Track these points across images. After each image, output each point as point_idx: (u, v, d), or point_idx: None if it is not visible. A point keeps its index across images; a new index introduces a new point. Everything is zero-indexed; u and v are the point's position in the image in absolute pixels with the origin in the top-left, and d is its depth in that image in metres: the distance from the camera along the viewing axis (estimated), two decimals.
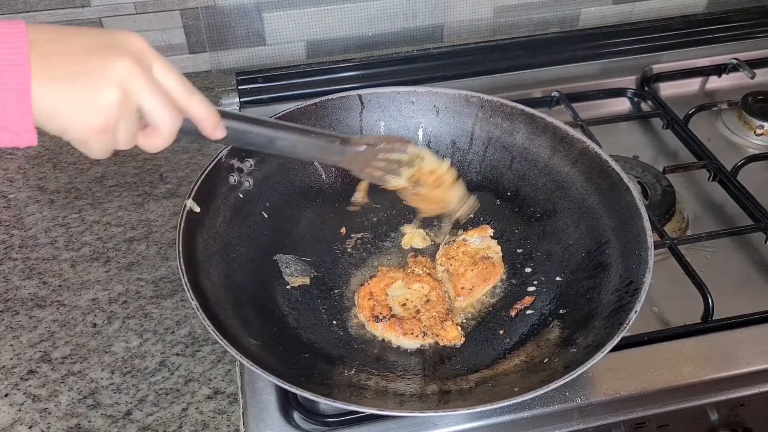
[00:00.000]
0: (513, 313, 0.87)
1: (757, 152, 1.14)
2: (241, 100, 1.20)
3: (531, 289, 0.90)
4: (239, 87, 1.22)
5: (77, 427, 0.80)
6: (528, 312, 0.87)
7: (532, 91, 1.24)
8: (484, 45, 1.32)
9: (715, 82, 1.30)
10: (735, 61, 1.28)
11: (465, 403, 0.73)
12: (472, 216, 0.99)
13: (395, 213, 1.00)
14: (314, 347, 0.83)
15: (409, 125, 1.03)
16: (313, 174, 1.01)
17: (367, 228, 0.98)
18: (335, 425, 0.78)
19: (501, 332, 0.85)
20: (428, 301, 0.87)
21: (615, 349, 0.72)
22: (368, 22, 1.29)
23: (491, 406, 0.69)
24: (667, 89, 1.28)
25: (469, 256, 0.91)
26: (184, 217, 0.84)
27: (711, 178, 1.09)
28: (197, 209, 0.85)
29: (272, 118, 0.78)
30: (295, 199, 0.98)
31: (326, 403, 0.74)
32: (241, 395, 0.81)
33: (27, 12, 1.20)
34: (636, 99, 1.26)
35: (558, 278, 0.90)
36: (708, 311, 0.87)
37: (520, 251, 0.95)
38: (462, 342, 0.84)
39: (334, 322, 0.87)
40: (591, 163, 0.93)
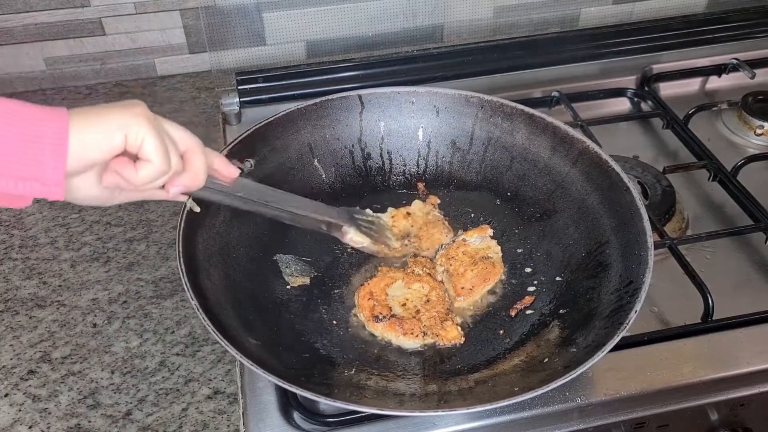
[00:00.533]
0: (513, 313, 0.87)
1: (757, 152, 1.14)
2: (241, 100, 1.20)
3: (531, 289, 0.90)
4: (239, 87, 1.22)
5: (77, 427, 0.80)
6: (528, 312, 0.87)
7: (532, 91, 1.24)
8: (484, 45, 1.32)
9: (715, 82, 1.30)
10: (735, 61, 1.28)
11: (465, 403, 0.73)
12: (472, 216, 1.00)
13: None
14: (314, 347, 0.83)
15: (409, 125, 1.03)
16: (313, 174, 1.01)
17: None
18: (335, 425, 0.78)
19: (501, 332, 0.85)
20: (428, 301, 0.87)
21: (615, 349, 0.72)
22: (368, 22, 1.29)
23: (491, 406, 0.69)
24: (667, 89, 1.28)
25: (469, 256, 0.91)
26: (184, 217, 0.84)
27: (711, 178, 1.09)
28: (197, 209, 0.85)
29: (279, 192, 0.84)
30: None
31: (326, 403, 0.74)
32: (241, 395, 0.81)
33: (27, 12, 1.20)
34: (636, 99, 1.26)
35: (558, 278, 0.90)
36: (708, 311, 0.87)
37: (520, 251, 0.95)
38: (462, 342, 0.84)
39: (334, 322, 0.87)
40: (591, 163, 0.93)
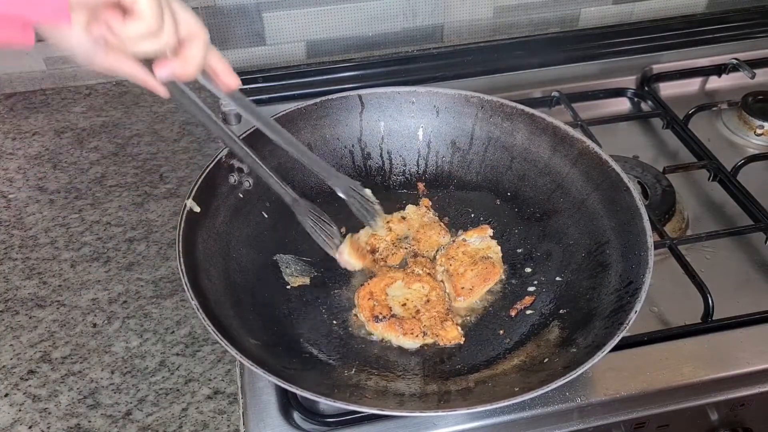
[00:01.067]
0: (513, 313, 0.87)
1: (757, 152, 1.14)
2: None
3: (531, 289, 0.90)
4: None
5: (77, 427, 0.80)
6: (528, 312, 0.87)
7: (532, 91, 1.24)
8: (484, 45, 1.32)
9: (715, 82, 1.30)
10: (735, 61, 1.28)
11: (465, 403, 0.73)
12: (472, 216, 1.00)
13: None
14: (314, 347, 0.83)
15: (409, 125, 1.03)
16: (313, 174, 1.01)
17: None
18: (335, 425, 0.78)
19: (501, 332, 0.85)
20: (428, 301, 0.87)
21: (615, 349, 0.72)
22: (368, 22, 1.29)
23: (491, 406, 0.69)
24: (667, 89, 1.28)
25: (468, 256, 0.91)
26: (184, 217, 0.84)
27: (711, 178, 1.09)
28: (197, 209, 0.85)
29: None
30: None
31: (326, 403, 0.74)
32: (241, 395, 0.81)
33: None
34: (636, 99, 1.26)
35: (558, 278, 0.90)
36: (708, 311, 0.87)
37: (520, 251, 0.95)
38: (462, 342, 0.84)
39: (334, 322, 0.87)
40: (591, 163, 0.93)
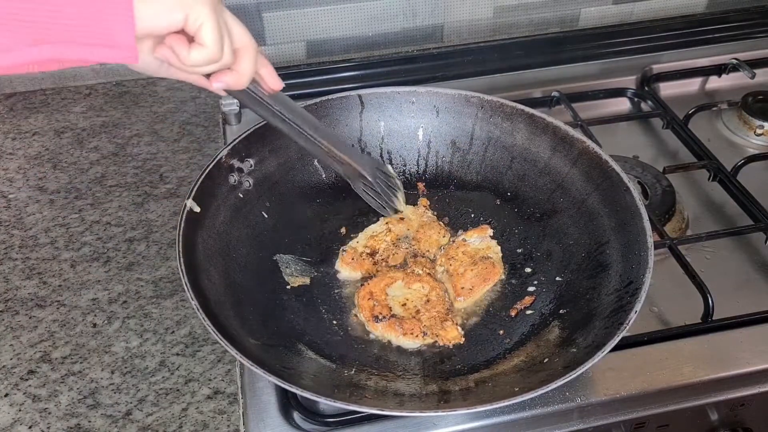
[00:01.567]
0: (513, 313, 0.87)
1: (757, 152, 1.14)
2: None
3: (531, 289, 0.90)
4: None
5: (77, 427, 0.80)
6: (528, 312, 0.87)
7: (532, 91, 1.24)
8: (484, 45, 1.32)
9: (715, 82, 1.30)
10: (735, 61, 1.28)
11: (465, 403, 0.73)
12: (472, 216, 1.00)
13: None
14: (314, 347, 0.83)
15: (409, 125, 1.03)
16: (313, 174, 1.01)
17: None
18: (335, 425, 0.78)
19: (501, 332, 0.85)
20: (428, 301, 0.87)
21: (615, 349, 0.72)
22: (368, 22, 1.29)
23: (491, 406, 0.69)
24: (667, 89, 1.28)
25: (468, 256, 0.91)
26: (184, 217, 0.84)
27: (711, 178, 1.09)
28: (197, 209, 0.85)
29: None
30: (295, 199, 0.98)
31: (326, 403, 0.74)
32: (241, 395, 0.81)
33: None
34: (636, 99, 1.26)
35: (558, 278, 0.90)
36: (708, 311, 0.87)
37: (520, 251, 0.95)
38: (462, 342, 0.84)
39: (334, 322, 0.87)
40: (591, 163, 0.93)
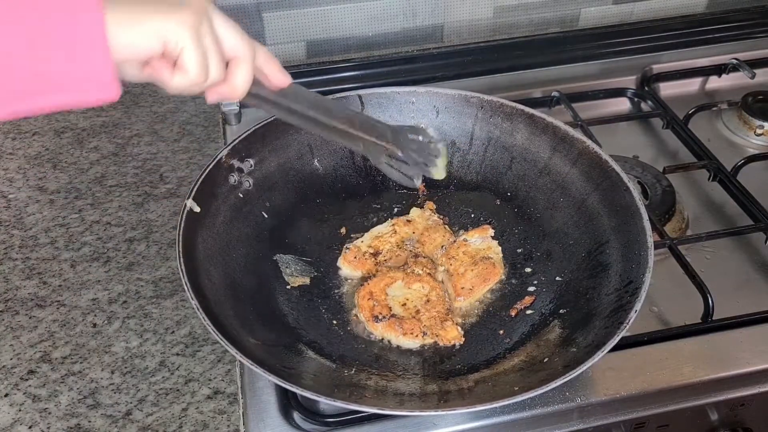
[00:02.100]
0: (513, 313, 0.87)
1: (757, 152, 1.14)
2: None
3: (531, 289, 0.90)
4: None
5: (77, 427, 0.80)
6: (528, 312, 0.87)
7: (532, 91, 1.24)
8: (484, 45, 1.32)
9: (715, 82, 1.30)
10: (735, 61, 1.28)
11: (465, 402, 0.73)
12: (472, 216, 1.00)
13: (396, 213, 1.00)
14: (314, 347, 0.83)
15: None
16: (313, 174, 1.01)
17: (367, 228, 0.97)
18: (335, 425, 0.78)
19: (501, 332, 0.85)
20: (428, 301, 0.87)
21: (615, 349, 0.72)
22: (368, 22, 1.29)
23: (491, 405, 0.69)
24: (667, 89, 1.28)
25: (469, 256, 0.91)
26: (184, 217, 0.84)
27: (711, 178, 1.09)
28: (197, 209, 0.85)
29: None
30: (295, 199, 0.98)
31: (326, 403, 0.74)
32: (241, 395, 0.81)
33: None
34: (636, 99, 1.26)
35: (558, 278, 0.90)
36: (708, 311, 0.87)
37: (520, 251, 0.95)
38: (462, 342, 0.84)
39: (334, 322, 0.87)
40: (591, 163, 0.93)
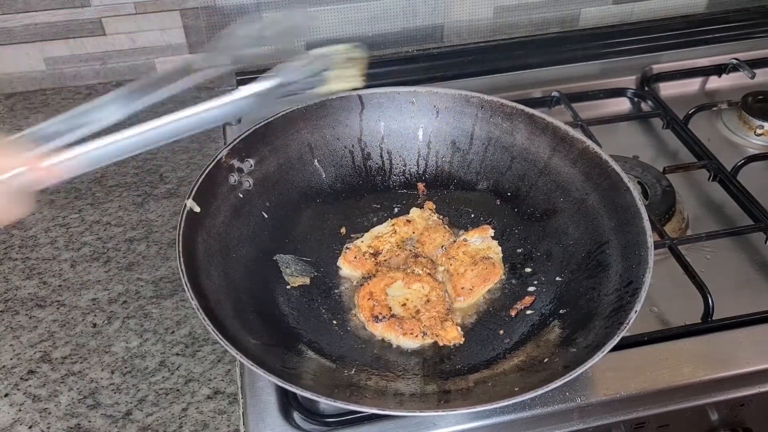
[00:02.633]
0: (513, 313, 0.87)
1: (757, 152, 1.14)
2: None
3: (531, 289, 0.90)
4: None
5: (77, 427, 0.80)
6: (528, 312, 0.87)
7: (532, 91, 1.24)
8: (484, 45, 1.32)
9: (715, 82, 1.30)
10: (735, 61, 1.28)
11: (465, 402, 0.73)
12: (472, 216, 1.00)
13: (396, 213, 1.00)
14: (314, 347, 0.83)
15: (409, 125, 1.03)
16: (313, 174, 1.01)
17: (367, 228, 0.97)
18: (335, 425, 0.78)
19: (501, 332, 0.85)
20: (428, 301, 0.87)
21: (615, 349, 0.72)
22: (368, 22, 1.29)
23: (491, 405, 0.69)
24: (667, 89, 1.28)
25: (469, 256, 0.91)
26: (184, 217, 0.84)
27: (711, 178, 1.09)
28: (197, 209, 0.85)
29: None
30: (295, 199, 0.98)
31: (326, 403, 0.74)
32: (241, 395, 0.81)
33: (27, 12, 1.20)
34: (636, 99, 1.26)
35: (558, 278, 0.90)
36: (708, 311, 0.87)
37: (520, 251, 0.95)
38: (462, 342, 0.84)
39: (334, 322, 0.87)
40: (591, 163, 0.93)
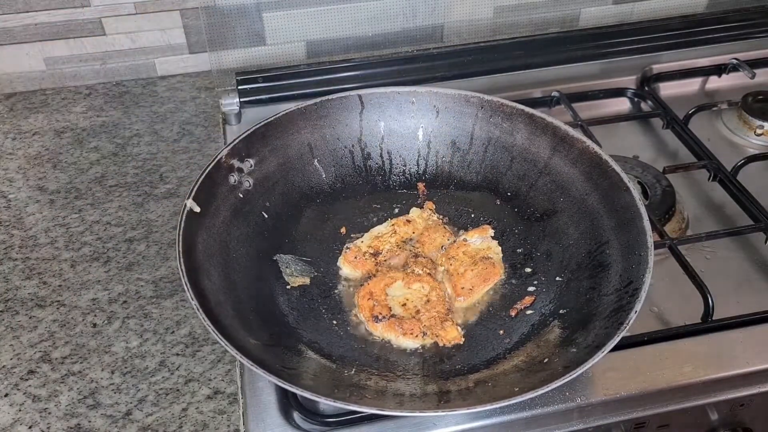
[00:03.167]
0: (513, 313, 0.87)
1: (757, 152, 1.14)
2: (241, 100, 1.20)
3: (531, 289, 0.90)
4: (239, 87, 1.22)
5: (77, 427, 0.80)
6: (528, 312, 0.87)
7: (532, 91, 1.24)
8: (484, 45, 1.32)
9: (715, 82, 1.30)
10: (735, 61, 1.28)
11: (465, 403, 0.73)
12: (472, 216, 1.00)
13: (396, 213, 1.00)
14: (314, 347, 0.83)
15: (409, 125, 1.03)
16: (313, 174, 1.01)
17: (367, 228, 0.97)
18: (335, 425, 0.78)
19: (501, 332, 0.85)
20: (428, 301, 0.87)
21: (615, 349, 0.72)
22: (368, 22, 1.29)
23: (491, 406, 0.69)
24: (667, 89, 1.28)
25: (469, 256, 0.91)
26: (184, 217, 0.84)
27: (711, 178, 1.09)
28: (197, 209, 0.85)
29: None
30: (295, 199, 0.98)
31: (326, 403, 0.74)
32: (241, 395, 0.81)
33: (27, 12, 1.20)
34: (636, 99, 1.26)
35: (558, 278, 0.90)
36: (708, 311, 0.87)
37: (520, 251, 0.95)
38: (462, 342, 0.84)
39: (334, 322, 0.87)
40: (591, 163, 0.93)
